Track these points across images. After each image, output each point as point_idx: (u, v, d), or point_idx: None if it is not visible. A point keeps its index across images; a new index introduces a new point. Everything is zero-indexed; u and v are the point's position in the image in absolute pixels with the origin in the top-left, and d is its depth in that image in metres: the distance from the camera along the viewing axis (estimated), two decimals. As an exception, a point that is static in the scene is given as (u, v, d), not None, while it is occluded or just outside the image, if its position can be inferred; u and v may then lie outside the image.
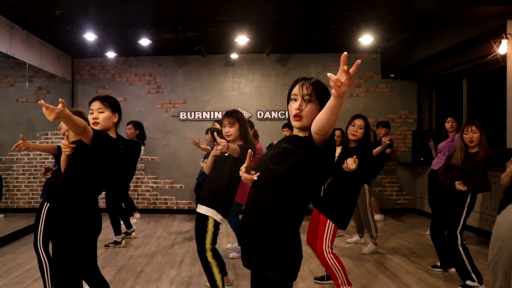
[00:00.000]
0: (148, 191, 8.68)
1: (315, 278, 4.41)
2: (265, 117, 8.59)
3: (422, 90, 8.67)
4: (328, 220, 3.76)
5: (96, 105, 2.89)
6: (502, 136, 5.42)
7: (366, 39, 7.07)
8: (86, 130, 2.57)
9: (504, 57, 5.05)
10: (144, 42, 7.39)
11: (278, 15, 6.18)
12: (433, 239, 4.72)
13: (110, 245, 5.90)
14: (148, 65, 8.82)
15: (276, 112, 8.60)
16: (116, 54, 8.57)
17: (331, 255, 3.76)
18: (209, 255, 3.56)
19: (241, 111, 4.89)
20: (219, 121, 4.96)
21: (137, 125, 6.40)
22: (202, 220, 3.60)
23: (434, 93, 8.58)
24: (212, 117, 8.57)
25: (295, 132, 2.06)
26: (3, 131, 7.89)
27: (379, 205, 8.03)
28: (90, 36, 6.94)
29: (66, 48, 8.22)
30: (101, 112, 2.88)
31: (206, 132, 6.25)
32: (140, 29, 7.00)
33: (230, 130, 3.65)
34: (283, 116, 8.55)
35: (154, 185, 8.69)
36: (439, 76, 8.05)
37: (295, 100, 1.99)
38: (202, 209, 3.63)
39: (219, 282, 3.54)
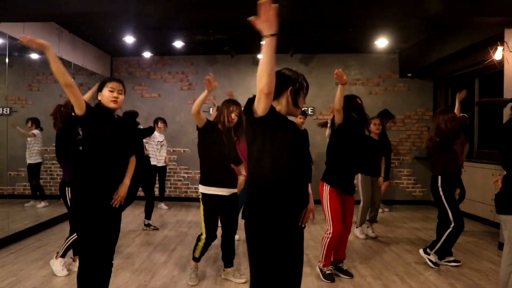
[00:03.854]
0: (180, 180, 9.38)
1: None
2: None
3: (438, 89, 9.11)
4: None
5: (119, 86, 3.08)
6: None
7: (382, 42, 7.60)
8: (73, 88, 2.80)
9: (500, 62, 5.54)
10: (178, 44, 8.11)
11: (299, 20, 6.72)
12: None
13: (150, 226, 6.63)
14: (181, 64, 9.51)
15: (299, 108, 9.16)
16: (151, 54, 9.29)
17: None
18: None
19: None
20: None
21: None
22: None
23: (449, 92, 9.01)
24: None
25: None
26: (49, 124, 8.55)
27: (393, 196, 8.52)
28: (129, 39, 7.65)
29: (106, 48, 8.98)
30: (121, 94, 3.08)
31: None
32: (175, 32, 7.67)
33: (236, 120, 4.31)
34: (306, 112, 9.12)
35: (186, 175, 9.38)
36: (454, 76, 8.49)
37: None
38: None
39: None
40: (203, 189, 4.15)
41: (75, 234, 4.23)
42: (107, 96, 3.04)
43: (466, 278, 4.39)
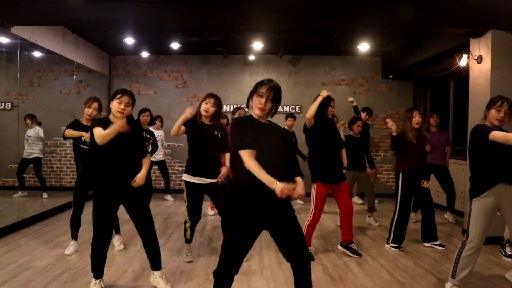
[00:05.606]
0: (174, 173, 9.91)
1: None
2: (277, 110, 9.70)
3: (418, 89, 9.74)
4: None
5: (127, 99, 3.61)
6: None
7: (364, 46, 8.19)
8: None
9: (465, 69, 6.16)
10: (175, 45, 8.65)
11: (289, 25, 7.23)
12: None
13: None
14: (176, 63, 10.05)
15: (288, 106, 9.75)
16: (148, 54, 9.81)
17: None
18: None
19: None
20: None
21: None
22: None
23: (428, 92, 9.64)
24: (231, 110, 9.74)
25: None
26: (48, 119, 9.03)
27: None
28: (129, 40, 8.16)
29: (105, 48, 9.48)
30: (128, 106, 3.62)
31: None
32: (172, 34, 8.20)
33: (211, 109, 4.51)
34: (294, 110, 9.70)
35: (180, 169, 9.91)
36: (432, 78, 9.11)
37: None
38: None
39: None
40: (185, 177, 4.66)
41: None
42: (115, 106, 3.62)
43: (429, 258, 5.03)
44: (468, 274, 3.69)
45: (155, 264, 3.95)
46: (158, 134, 8.26)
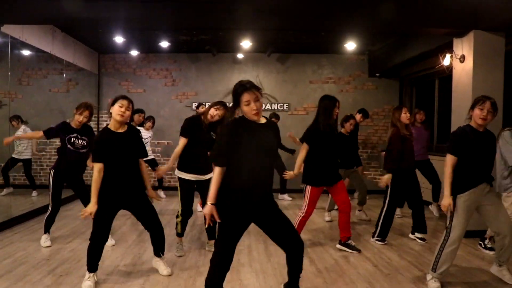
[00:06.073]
0: (164, 171, 10.00)
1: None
2: (265, 108, 9.84)
3: (404, 88, 9.94)
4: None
5: (128, 104, 3.83)
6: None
7: (350, 45, 8.37)
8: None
9: (448, 68, 6.34)
10: (164, 44, 8.76)
11: (277, 25, 7.36)
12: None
13: None
14: (165, 61, 10.12)
15: (276, 104, 9.89)
16: (137, 52, 9.87)
17: None
18: None
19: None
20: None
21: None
22: None
23: (414, 91, 9.84)
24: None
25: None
26: (38, 117, 9.05)
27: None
28: (118, 39, 8.25)
29: (94, 46, 9.52)
30: (128, 110, 3.83)
31: None
32: (161, 33, 8.29)
33: (216, 118, 4.80)
34: (282, 108, 9.85)
35: (169, 166, 9.99)
36: (418, 76, 9.31)
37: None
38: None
39: None
40: (179, 173, 4.85)
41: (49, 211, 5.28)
42: (116, 110, 3.82)
43: (412, 251, 5.21)
44: (448, 267, 3.87)
45: (159, 250, 4.32)
46: (148, 135, 8.36)
